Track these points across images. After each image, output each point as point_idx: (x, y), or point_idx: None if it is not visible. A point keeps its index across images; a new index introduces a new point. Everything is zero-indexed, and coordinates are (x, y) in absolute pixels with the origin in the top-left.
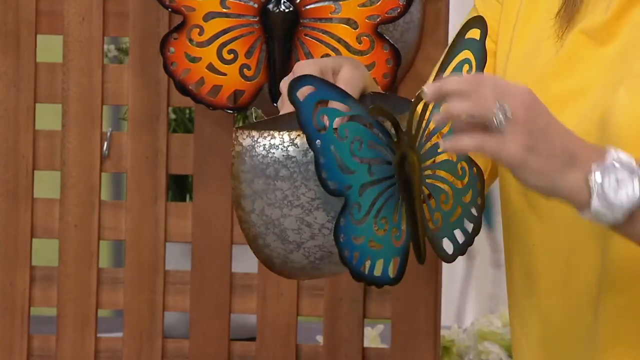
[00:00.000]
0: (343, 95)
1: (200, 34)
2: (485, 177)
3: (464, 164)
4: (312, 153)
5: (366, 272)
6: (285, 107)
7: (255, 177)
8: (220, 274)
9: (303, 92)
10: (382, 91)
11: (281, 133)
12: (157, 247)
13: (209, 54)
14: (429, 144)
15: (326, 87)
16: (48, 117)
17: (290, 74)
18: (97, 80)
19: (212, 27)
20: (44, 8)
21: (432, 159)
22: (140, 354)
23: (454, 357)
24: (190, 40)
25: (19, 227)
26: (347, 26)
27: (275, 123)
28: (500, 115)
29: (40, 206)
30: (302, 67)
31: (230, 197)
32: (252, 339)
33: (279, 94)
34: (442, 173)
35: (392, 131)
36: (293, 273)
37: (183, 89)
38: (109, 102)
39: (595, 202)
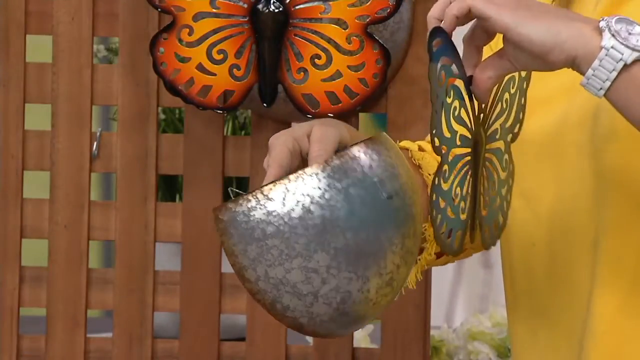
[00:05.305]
0: (457, 57)
1: (189, 34)
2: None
3: (507, 157)
4: (290, 200)
5: (441, 236)
6: (268, 173)
7: (247, 245)
8: (210, 274)
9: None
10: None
11: (253, 193)
12: (147, 247)
13: (198, 54)
14: (493, 127)
15: (449, 44)
16: (37, 117)
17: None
18: (86, 80)
19: (202, 27)
20: (33, 8)
21: (492, 143)
22: (130, 354)
23: (443, 357)
24: (180, 41)
25: (8, 227)
26: (336, 26)
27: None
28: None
29: (29, 206)
30: (277, 138)
31: (219, 197)
32: (242, 339)
33: (269, 94)
34: (494, 159)
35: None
36: (324, 327)
37: (173, 89)
38: (99, 102)
39: (609, 40)
